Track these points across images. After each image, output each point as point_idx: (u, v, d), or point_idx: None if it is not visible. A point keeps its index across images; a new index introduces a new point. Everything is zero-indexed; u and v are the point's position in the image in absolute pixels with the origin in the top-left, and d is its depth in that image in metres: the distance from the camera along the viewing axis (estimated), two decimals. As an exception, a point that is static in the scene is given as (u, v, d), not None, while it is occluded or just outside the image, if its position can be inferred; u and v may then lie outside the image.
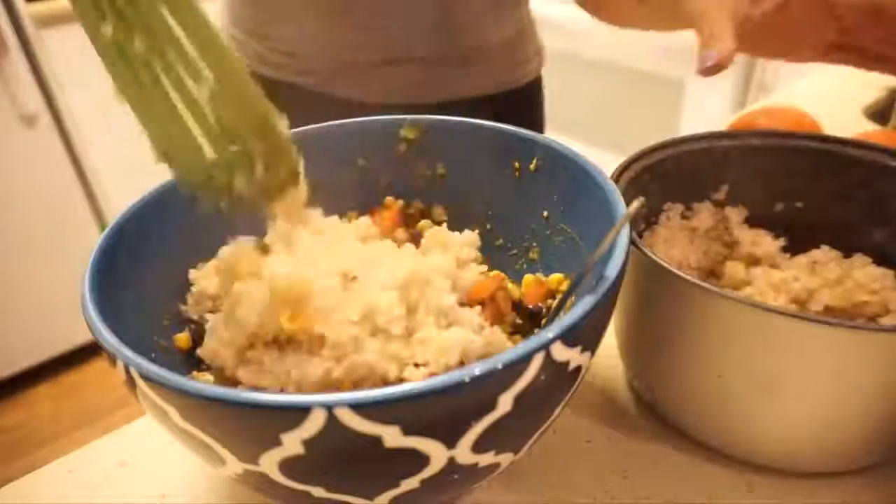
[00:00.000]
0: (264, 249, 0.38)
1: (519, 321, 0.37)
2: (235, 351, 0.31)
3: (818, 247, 0.41)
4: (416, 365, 0.29)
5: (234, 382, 0.31)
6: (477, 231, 0.40)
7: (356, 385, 0.28)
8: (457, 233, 0.39)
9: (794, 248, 0.42)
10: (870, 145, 0.40)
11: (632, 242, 0.32)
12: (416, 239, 0.40)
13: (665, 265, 0.31)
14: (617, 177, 0.38)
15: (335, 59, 0.62)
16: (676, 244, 0.42)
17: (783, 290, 0.38)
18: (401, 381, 0.28)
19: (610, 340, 0.41)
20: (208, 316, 0.33)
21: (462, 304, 0.34)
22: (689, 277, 0.30)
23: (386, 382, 0.28)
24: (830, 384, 0.30)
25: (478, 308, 0.34)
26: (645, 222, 0.42)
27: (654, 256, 0.32)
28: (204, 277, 0.35)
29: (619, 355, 0.41)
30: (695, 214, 0.43)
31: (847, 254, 0.41)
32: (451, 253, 0.38)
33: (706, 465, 0.36)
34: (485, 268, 0.39)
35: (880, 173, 0.40)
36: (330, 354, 0.28)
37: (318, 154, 0.40)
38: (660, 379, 0.37)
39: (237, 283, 0.31)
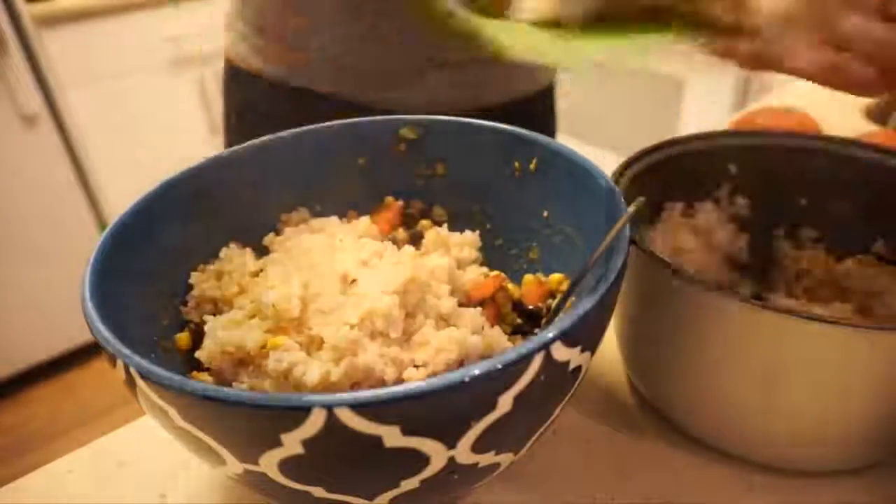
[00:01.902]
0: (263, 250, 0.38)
1: (519, 321, 0.37)
2: (231, 361, 0.31)
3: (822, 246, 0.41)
4: (416, 366, 0.29)
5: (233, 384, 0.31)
6: (477, 231, 0.40)
7: (354, 388, 0.28)
8: (457, 233, 0.39)
9: (796, 246, 0.43)
10: (871, 146, 0.40)
11: (633, 241, 0.32)
12: (416, 239, 0.40)
13: (666, 261, 0.31)
14: (618, 176, 0.38)
15: (379, 65, 0.60)
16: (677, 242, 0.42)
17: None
18: (400, 381, 0.28)
19: (610, 339, 0.41)
20: (207, 318, 0.33)
21: (462, 305, 0.34)
22: (690, 275, 0.30)
23: (384, 385, 0.28)
24: (831, 383, 0.30)
25: (478, 308, 0.34)
26: (647, 221, 0.42)
27: (656, 254, 0.32)
28: (204, 281, 0.35)
29: (619, 354, 0.41)
30: (696, 213, 0.43)
31: (847, 253, 0.41)
32: (450, 254, 0.38)
33: (706, 465, 0.36)
34: (485, 268, 0.39)
35: (881, 173, 0.39)
36: (328, 357, 0.28)
37: (318, 154, 0.40)
38: (660, 377, 0.37)
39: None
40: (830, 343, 0.28)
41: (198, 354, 0.31)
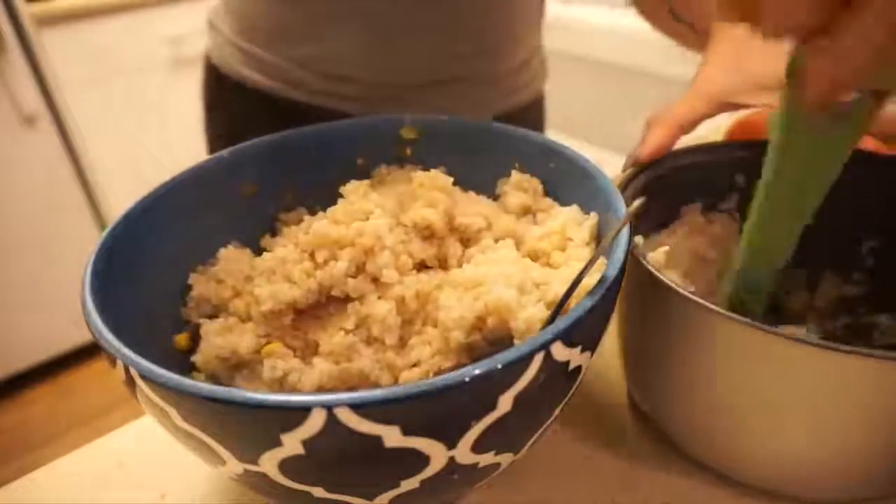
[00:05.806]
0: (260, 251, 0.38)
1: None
2: (227, 366, 0.31)
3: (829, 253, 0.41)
4: (414, 366, 0.29)
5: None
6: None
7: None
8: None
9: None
10: (883, 157, 0.38)
11: (633, 255, 0.30)
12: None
13: (667, 282, 0.30)
14: (623, 187, 0.37)
15: (380, 81, 0.59)
16: (683, 259, 0.40)
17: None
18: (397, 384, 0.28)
19: (612, 353, 0.40)
20: (203, 321, 0.33)
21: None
22: (690, 296, 0.29)
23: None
24: (834, 410, 0.28)
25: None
26: (654, 232, 0.41)
27: (656, 273, 0.30)
28: (203, 282, 0.35)
29: (621, 368, 0.40)
30: (710, 223, 0.42)
31: (846, 263, 0.41)
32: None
33: (704, 486, 0.35)
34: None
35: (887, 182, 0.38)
36: (323, 362, 0.28)
37: (318, 154, 0.40)
38: (660, 397, 0.36)
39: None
40: (834, 370, 0.27)
41: (194, 359, 0.31)
